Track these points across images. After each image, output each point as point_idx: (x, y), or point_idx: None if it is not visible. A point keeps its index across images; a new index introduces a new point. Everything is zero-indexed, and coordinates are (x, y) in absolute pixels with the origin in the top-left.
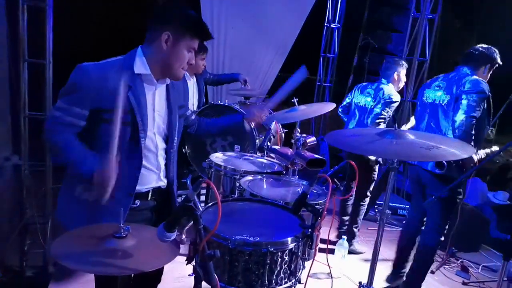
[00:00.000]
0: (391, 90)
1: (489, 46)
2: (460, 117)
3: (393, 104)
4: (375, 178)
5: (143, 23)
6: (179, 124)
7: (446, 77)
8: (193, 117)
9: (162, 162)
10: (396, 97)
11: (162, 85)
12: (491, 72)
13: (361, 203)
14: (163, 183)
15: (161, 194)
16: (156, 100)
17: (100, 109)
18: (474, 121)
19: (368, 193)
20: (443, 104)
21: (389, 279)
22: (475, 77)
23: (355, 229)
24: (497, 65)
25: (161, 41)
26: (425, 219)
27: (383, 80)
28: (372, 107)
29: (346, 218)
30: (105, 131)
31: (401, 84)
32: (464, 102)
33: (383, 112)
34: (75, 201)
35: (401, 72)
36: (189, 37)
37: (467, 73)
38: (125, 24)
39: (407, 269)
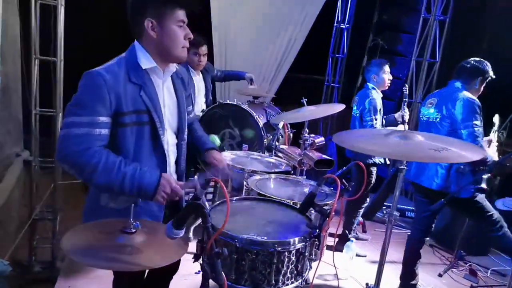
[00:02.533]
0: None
1: (481, 60)
2: None
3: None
4: (373, 181)
5: None
6: (187, 115)
7: (439, 93)
8: (192, 114)
9: (172, 159)
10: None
11: (168, 77)
12: (483, 84)
13: (362, 206)
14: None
15: None
16: (165, 94)
17: (118, 113)
18: (480, 139)
19: (368, 198)
20: (435, 121)
21: None
22: (464, 93)
23: (347, 232)
24: (489, 78)
25: (148, 30)
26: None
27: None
28: None
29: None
30: (123, 136)
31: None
32: (465, 132)
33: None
34: (102, 208)
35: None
36: (169, 11)
37: (458, 88)
38: None
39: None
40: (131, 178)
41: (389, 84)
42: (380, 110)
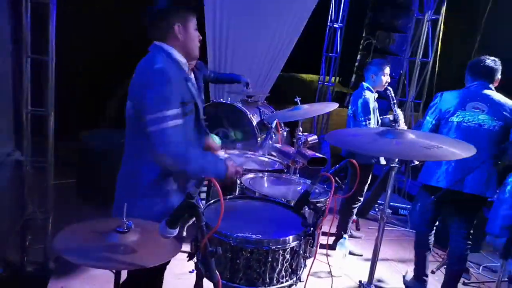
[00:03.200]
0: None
1: (494, 59)
2: None
3: None
4: (368, 181)
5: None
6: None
7: (486, 97)
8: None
9: None
10: None
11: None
12: None
13: (353, 206)
14: None
15: None
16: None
17: (181, 104)
18: None
19: (361, 198)
20: (491, 128)
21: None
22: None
23: (343, 233)
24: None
25: (176, 33)
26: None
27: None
28: None
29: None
30: (185, 125)
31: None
32: None
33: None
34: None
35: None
36: (191, 17)
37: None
38: (128, 22)
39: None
40: (207, 169)
41: (386, 86)
42: (374, 109)
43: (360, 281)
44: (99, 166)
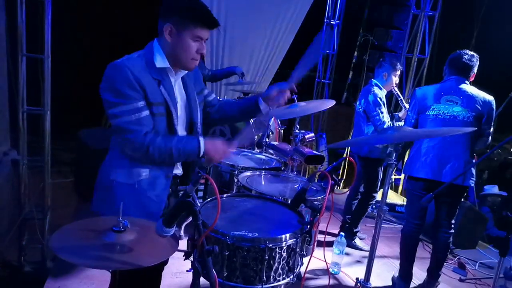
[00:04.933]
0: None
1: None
2: None
3: None
4: (380, 179)
5: (141, 19)
6: (200, 110)
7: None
8: (212, 96)
9: None
10: None
11: (180, 77)
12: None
13: (369, 203)
14: (179, 170)
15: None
16: (176, 91)
17: (146, 101)
18: None
19: (375, 194)
20: (466, 120)
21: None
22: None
23: (355, 229)
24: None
25: (165, 34)
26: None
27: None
28: None
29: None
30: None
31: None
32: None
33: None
34: (112, 183)
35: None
36: (192, 26)
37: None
38: (124, 19)
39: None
40: (176, 150)
41: (394, 87)
42: (384, 103)
43: (357, 278)
44: (96, 165)
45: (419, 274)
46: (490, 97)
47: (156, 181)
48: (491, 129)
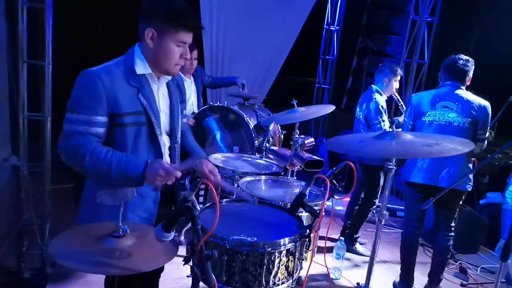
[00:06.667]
0: None
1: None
2: None
3: None
4: (381, 185)
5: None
6: (180, 119)
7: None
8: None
9: (168, 160)
10: None
11: (163, 83)
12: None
13: (369, 209)
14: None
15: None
16: (160, 98)
17: (114, 114)
18: None
19: (376, 201)
20: (462, 126)
21: None
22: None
23: (355, 235)
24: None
25: (147, 38)
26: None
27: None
28: None
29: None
30: (120, 136)
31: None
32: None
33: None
34: (97, 206)
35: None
36: (173, 30)
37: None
38: (124, 25)
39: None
40: (117, 166)
41: (394, 92)
42: (385, 111)
43: (357, 283)
44: None
45: (420, 279)
46: (485, 103)
47: (144, 201)
48: (487, 134)
